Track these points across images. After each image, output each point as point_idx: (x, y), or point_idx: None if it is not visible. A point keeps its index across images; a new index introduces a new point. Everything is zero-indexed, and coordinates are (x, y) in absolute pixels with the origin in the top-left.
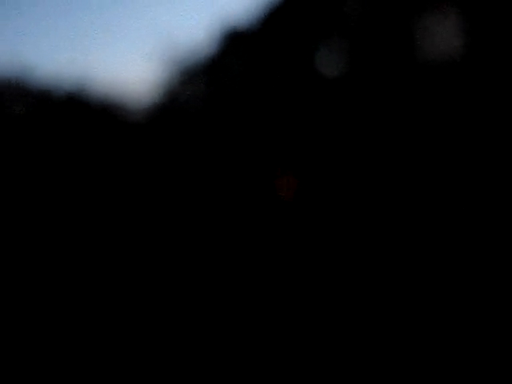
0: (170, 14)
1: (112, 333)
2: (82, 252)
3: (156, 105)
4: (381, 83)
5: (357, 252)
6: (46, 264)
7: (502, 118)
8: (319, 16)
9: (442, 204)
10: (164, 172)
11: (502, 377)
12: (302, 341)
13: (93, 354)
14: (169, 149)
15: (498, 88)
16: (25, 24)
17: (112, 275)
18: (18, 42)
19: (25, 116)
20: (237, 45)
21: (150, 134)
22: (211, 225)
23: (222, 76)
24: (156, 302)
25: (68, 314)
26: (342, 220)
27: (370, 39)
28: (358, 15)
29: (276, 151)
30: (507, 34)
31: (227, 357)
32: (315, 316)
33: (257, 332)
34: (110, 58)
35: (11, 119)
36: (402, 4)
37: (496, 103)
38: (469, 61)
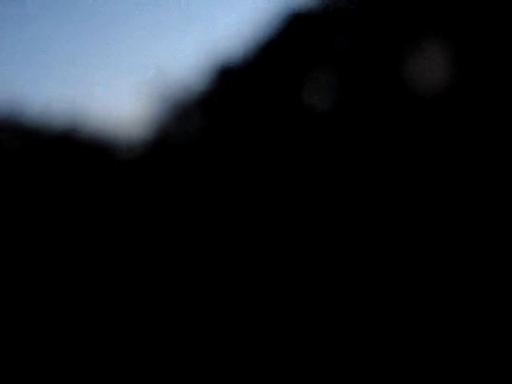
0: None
1: (112, 333)
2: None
3: (148, 141)
4: (371, 118)
5: (356, 253)
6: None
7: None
8: (310, 52)
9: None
10: (158, 209)
11: (502, 377)
12: (302, 341)
13: (93, 354)
14: (162, 186)
15: (487, 121)
16: (15, 60)
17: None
18: (9, 78)
19: (16, 153)
20: (229, 81)
21: (143, 170)
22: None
23: (214, 112)
24: (156, 303)
25: (69, 314)
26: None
27: (360, 74)
28: (348, 50)
29: (270, 184)
30: (496, 67)
31: (227, 357)
32: (315, 316)
33: (256, 332)
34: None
35: (1, 156)
36: (391, 39)
37: (485, 136)
38: (457, 95)
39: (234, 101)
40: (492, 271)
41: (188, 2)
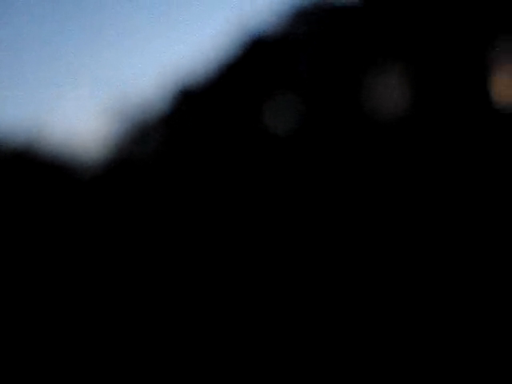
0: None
1: (112, 333)
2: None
3: (108, 160)
4: (331, 140)
5: (354, 255)
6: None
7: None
8: (271, 74)
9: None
10: (116, 230)
11: (502, 377)
12: (302, 341)
13: (93, 354)
14: (120, 205)
15: (446, 143)
16: None
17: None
18: None
19: None
20: (190, 102)
21: (102, 189)
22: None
23: (174, 132)
24: (156, 303)
25: (69, 315)
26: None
27: (321, 97)
28: (309, 72)
29: (230, 207)
30: (454, 88)
31: (227, 357)
32: (315, 316)
33: (256, 332)
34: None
35: None
36: (351, 62)
37: (443, 158)
38: (416, 117)
39: (194, 122)
40: (491, 271)
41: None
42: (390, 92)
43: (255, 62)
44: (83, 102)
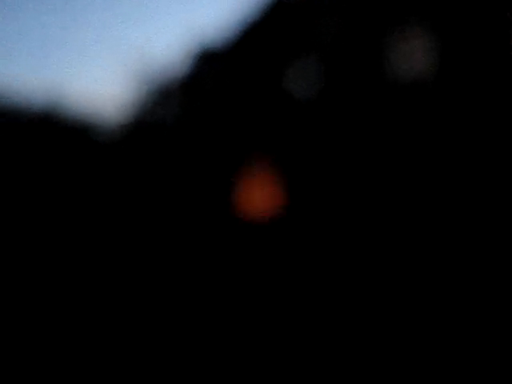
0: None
1: (112, 333)
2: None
3: (130, 123)
4: (353, 104)
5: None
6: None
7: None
8: (292, 37)
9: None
10: (138, 189)
11: (502, 377)
12: (302, 341)
13: (93, 354)
14: (142, 167)
15: (468, 107)
16: None
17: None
18: None
19: None
20: (211, 64)
21: (124, 151)
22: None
23: (195, 95)
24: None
25: (69, 314)
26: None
27: (343, 60)
28: (331, 36)
29: (249, 171)
30: (477, 53)
31: (226, 357)
32: (315, 316)
33: (256, 332)
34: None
35: None
36: (374, 26)
37: (466, 122)
38: (440, 80)
39: (216, 85)
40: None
41: None
42: (411, 56)
43: (277, 25)
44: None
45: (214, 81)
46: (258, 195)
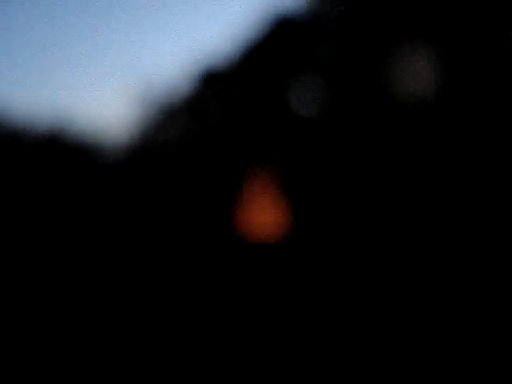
0: (148, 54)
1: (112, 333)
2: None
3: (134, 144)
4: (356, 122)
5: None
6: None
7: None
8: (295, 56)
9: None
10: (143, 209)
11: (502, 377)
12: (302, 341)
13: (93, 353)
14: (146, 188)
15: (472, 125)
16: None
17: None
18: None
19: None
20: (214, 84)
21: (129, 172)
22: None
23: (199, 115)
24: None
25: (69, 314)
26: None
27: (345, 78)
28: (334, 56)
29: (253, 190)
30: (479, 71)
31: (226, 357)
32: (315, 315)
33: (256, 332)
34: (87, 98)
35: None
36: (376, 44)
37: (469, 139)
38: (442, 99)
39: (220, 104)
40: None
41: (174, 6)
42: (414, 74)
43: (279, 44)
44: (108, 86)
45: (217, 101)
46: (261, 213)
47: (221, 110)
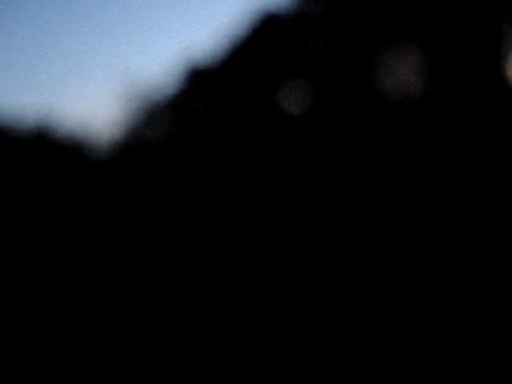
0: (135, 52)
1: (112, 333)
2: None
3: (120, 142)
4: (343, 121)
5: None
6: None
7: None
8: (282, 54)
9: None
10: (128, 209)
11: (502, 377)
12: (302, 341)
13: (93, 353)
14: (132, 185)
15: (458, 125)
16: None
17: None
18: None
19: None
20: (201, 82)
21: (114, 170)
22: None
23: (186, 113)
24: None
25: (69, 314)
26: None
27: (333, 77)
28: (321, 53)
29: (240, 190)
30: (465, 71)
31: (227, 356)
32: (315, 315)
33: (256, 331)
34: (74, 96)
35: None
36: (364, 44)
37: (455, 139)
38: (428, 98)
39: (206, 102)
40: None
41: (162, 5)
42: (402, 73)
43: (266, 42)
44: (96, 84)
45: (204, 98)
46: (250, 212)
47: (208, 107)
